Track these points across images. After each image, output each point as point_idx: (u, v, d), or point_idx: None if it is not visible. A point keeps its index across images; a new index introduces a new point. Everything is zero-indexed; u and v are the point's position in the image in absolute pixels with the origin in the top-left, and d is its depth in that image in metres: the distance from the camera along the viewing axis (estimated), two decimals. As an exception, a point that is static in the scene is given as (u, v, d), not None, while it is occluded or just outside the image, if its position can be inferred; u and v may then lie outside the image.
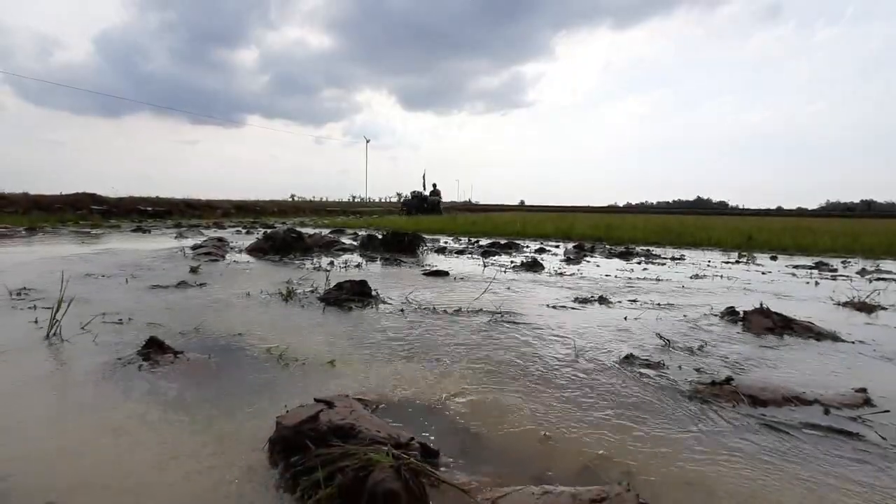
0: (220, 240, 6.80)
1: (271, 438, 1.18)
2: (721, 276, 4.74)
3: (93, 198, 15.17)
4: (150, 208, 15.28)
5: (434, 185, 25.14)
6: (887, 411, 1.52)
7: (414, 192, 24.91)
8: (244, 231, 9.98)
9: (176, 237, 8.01)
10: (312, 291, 3.30)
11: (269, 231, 7.14)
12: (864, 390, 1.70)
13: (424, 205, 23.62)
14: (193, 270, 4.09)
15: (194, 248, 5.80)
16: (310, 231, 8.37)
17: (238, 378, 1.72)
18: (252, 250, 5.82)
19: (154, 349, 1.93)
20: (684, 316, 2.89)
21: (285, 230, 6.47)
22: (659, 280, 4.38)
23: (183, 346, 2.03)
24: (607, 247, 7.82)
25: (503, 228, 11.10)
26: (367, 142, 36.64)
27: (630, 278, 4.46)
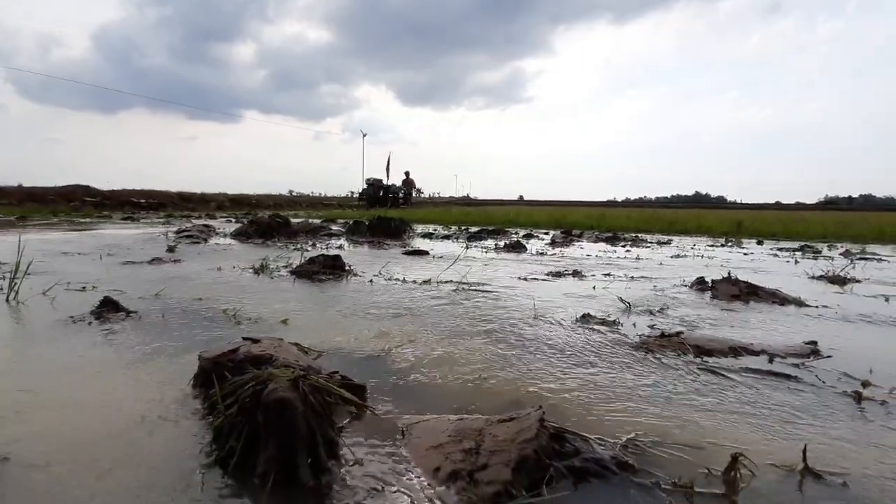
0: (206, 226, 6.78)
1: (195, 373, 1.17)
2: (702, 257, 4.73)
3: (86, 190, 15.16)
4: (143, 200, 15.24)
5: (407, 174, 20.87)
6: (830, 356, 1.52)
7: (370, 179, 19.87)
8: (234, 220, 9.95)
9: (163, 224, 8.00)
10: (286, 266, 3.29)
11: (254, 216, 7.13)
12: (813, 343, 1.69)
13: (388, 194, 18.75)
14: (171, 249, 4.08)
15: (178, 232, 5.79)
16: (300, 220, 8.34)
17: (186, 332, 1.71)
18: (236, 234, 5.80)
19: (107, 309, 1.92)
20: (654, 286, 2.88)
21: (270, 215, 6.46)
22: (639, 259, 4.38)
23: (140, 308, 2.02)
24: (596, 233, 7.81)
25: (496, 218, 11.07)
26: (364, 136, 36.37)
27: (611, 258, 4.45)
